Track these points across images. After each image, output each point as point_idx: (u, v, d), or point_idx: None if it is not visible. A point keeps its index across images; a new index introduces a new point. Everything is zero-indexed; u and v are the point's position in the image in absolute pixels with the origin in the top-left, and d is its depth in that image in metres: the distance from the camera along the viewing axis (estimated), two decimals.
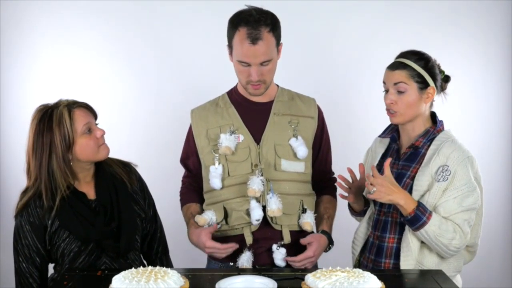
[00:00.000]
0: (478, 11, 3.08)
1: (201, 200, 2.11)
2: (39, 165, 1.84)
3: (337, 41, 3.11)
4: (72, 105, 1.86)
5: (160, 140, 3.05)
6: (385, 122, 2.06)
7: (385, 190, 1.80)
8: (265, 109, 2.04)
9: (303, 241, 1.96)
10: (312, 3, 2.96)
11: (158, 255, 2.12)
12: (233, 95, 2.09)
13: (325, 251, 2.01)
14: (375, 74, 3.06)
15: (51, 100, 1.88)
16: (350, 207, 2.14)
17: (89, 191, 1.93)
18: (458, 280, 1.96)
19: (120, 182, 1.98)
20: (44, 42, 3.11)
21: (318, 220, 2.06)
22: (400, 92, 1.89)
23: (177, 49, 3.14)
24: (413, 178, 1.89)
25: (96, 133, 1.89)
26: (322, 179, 2.14)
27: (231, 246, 1.92)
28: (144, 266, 1.67)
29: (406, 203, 1.80)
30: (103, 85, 3.13)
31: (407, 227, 1.87)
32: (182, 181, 2.20)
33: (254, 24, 1.87)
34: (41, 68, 3.12)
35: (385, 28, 3.09)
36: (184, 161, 2.15)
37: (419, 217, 1.79)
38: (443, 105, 1.98)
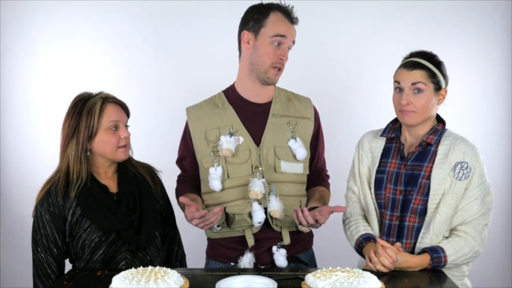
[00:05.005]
0: (478, 11, 3.08)
1: (198, 193, 2.06)
2: (62, 148, 1.88)
3: (336, 41, 3.11)
4: (107, 99, 1.91)
5: (160, 139, 3.04)
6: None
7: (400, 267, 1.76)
8: (263, 110, 2.03)
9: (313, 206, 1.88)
10: (312, 3, 2.96)
11: (178, 258, 2.13)
12: (230, 94, 2.06)
13: (316, 226, 1.90)
14: (374, 74, 3.09)
15: (51, 99, 1.87)
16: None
17: (111, 185, 1.94)
18: (467, 282, 1.96)
19: (142, 181, 1.99)
20: (44, 42, 3.12)
21: (316, 203, 1.96)
22: (418, 92, 1.85)
23: (178, 49, 3.14)
24: (428, 178, 1.85)
25: (121, 133, 1.89)
26: (317, 176, 2.14)
27: (217, 211, 1.79)
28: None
29: (421, 265, 1.79)
30: (103, 85, 3.10)
31: (422, 231, 1.85)
32: (177, 180, 2.16)
33: (289, 11, 1.97)
34: (41, 68, 3.13)
35: (385, 28, 3.09)
36: (180, 161, 2.13)
37: (438, 265, 1.80)
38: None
